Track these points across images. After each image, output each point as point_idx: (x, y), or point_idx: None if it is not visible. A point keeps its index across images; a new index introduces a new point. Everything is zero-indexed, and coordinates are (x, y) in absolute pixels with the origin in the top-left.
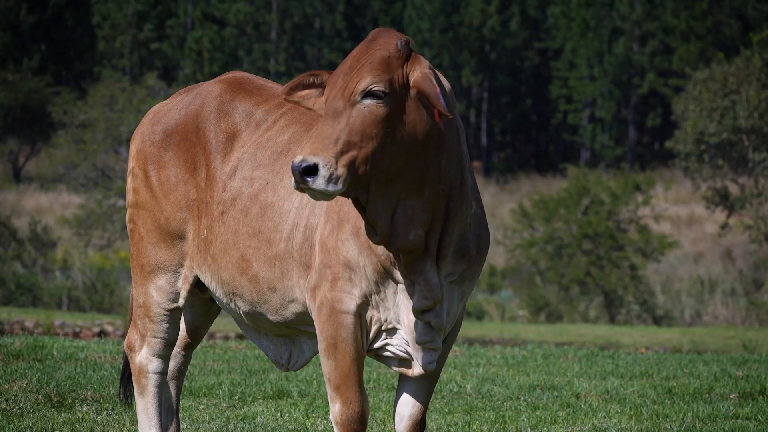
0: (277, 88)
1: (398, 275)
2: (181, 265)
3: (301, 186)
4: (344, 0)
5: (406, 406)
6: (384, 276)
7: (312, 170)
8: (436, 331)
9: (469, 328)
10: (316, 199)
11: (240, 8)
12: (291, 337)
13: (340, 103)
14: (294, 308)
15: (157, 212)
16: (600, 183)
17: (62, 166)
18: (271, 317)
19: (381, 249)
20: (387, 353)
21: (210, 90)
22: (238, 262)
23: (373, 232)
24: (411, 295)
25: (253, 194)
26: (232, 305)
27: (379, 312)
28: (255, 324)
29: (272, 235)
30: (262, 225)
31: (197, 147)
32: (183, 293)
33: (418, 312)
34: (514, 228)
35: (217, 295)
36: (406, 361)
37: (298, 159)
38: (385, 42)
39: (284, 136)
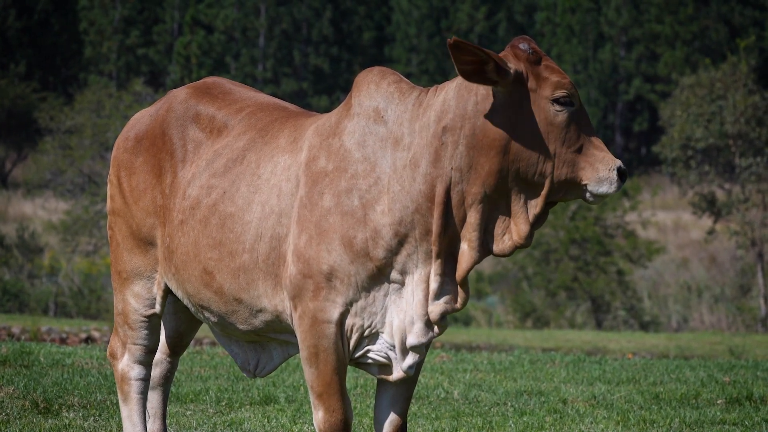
0: (246, 92)
1: (394, 275)
2: (155, 271)
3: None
4: (331, 6)
5: (386, 412)
6: (378, 280)
7: None
8: (434, 334)
9: (455, 334)
10: (600, 202)
11: (228, 14)
12: (261, 343)
13: None
14: (263, 317)
15: (130, 218)
16: None
17: (49, 172)
18: (240, 326)
19: (381, 253)
20: (368, 360)
21: (177, 95)
22: (201, 275)
23: (530, 235)
24: (437, 295)
25: (211, 204)
26: (201, 316)
27: (362, 319)
28: (226, 332)
29: (234, 247)
30: (223, 236)
31: (163, 152)
32: (158, 299)
33: (441, 315)
34: None
35: (185, 304)
36: (386, 367)
37: (619, 162)
38: None
39: (240, 143)
